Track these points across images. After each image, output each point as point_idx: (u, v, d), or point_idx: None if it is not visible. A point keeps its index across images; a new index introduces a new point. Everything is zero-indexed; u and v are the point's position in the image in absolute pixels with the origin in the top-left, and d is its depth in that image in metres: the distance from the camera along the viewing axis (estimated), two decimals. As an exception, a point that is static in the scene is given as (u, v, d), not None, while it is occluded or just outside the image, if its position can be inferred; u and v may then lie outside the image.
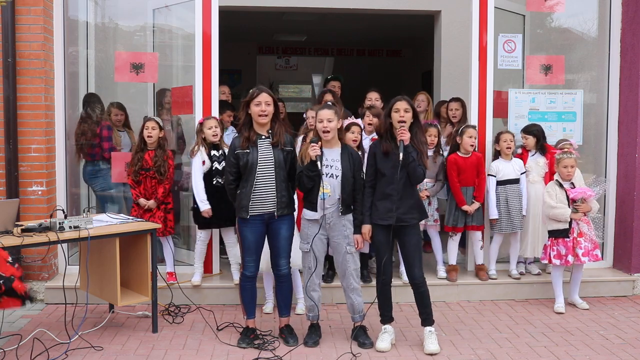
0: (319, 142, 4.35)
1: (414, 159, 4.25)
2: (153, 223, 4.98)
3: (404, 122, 4.29)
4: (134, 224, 4.76)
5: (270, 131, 4.41)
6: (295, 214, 4.64)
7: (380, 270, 4.47)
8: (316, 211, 4.40)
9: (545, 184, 5.72)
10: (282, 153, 4.39)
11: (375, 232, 4.42)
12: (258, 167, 4.33)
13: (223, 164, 5.33)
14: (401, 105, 4.32)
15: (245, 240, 4.45)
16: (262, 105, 4.31)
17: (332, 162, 4.40)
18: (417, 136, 4.36)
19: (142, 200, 5.46)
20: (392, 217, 4.30)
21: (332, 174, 4.39)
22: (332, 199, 4.40)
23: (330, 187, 4.38)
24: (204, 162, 5.34)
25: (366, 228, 4.44)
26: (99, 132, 6.14)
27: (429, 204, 5.67)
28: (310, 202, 4.44)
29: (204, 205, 5.31)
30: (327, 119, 4.36)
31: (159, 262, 5.28)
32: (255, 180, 4.33)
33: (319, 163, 4.29)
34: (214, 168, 5.36)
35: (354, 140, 5.11)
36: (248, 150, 4.35)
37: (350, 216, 4.47)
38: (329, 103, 4.63)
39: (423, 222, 5.53)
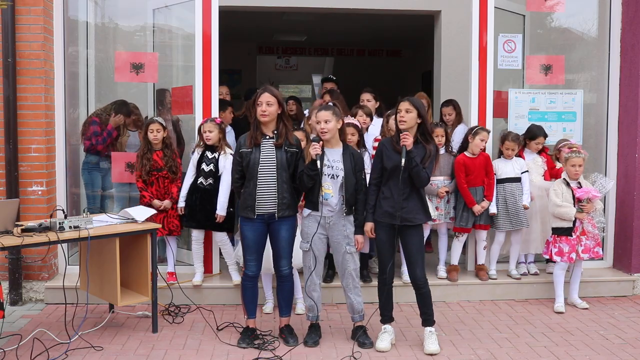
0: (320, 142, 4.35)
1: (417, 163, 4.24)
2: (153, 223, 4.98)
3: (405, 121, 4.29)
4: (134, 224, 4.75)
5: (275, 131, 4.40)
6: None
7: (380, 269, 4.47)
8: (317, 210, 4.40)
9: (546, 181, 5.74)
10: (286, 154, 4.38)
11: (378, 230, 4.43)
12: (260, 167, 4.33)
13: (211, 167, 5.35)
14: (402, 105, 4.32)
15: (245, 239, 4.46)
16: (262, 105, 4.31)
17: (332, 163, 4.40)
18: (423, 137, 4.36)
19: (156, 202, 5.44)
20: (397, 217, 4.30)
21: (332, 174, 4.39)
22: (335, 199, 4.40)
23: (332, 188, 4.39)
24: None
25: (368, 226, 4.43)
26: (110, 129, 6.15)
27: (448, 201, 5.67)
28: (311, 202, 4.44)
29: (180, 202, 5.47)
30: (324, 120, 4.37)
31: (159, 262, 5.28)
32: (258, 181, 4.34)
33: (318, 162, 4.29)
34: (201, 168, 5.38)
35: (349, 141, 5.10)
36: (251, 150, 4.36)
37: (351, 217, 4.47)
38: (330, 104, 4.62)
39: (437, 220, 5.57)
